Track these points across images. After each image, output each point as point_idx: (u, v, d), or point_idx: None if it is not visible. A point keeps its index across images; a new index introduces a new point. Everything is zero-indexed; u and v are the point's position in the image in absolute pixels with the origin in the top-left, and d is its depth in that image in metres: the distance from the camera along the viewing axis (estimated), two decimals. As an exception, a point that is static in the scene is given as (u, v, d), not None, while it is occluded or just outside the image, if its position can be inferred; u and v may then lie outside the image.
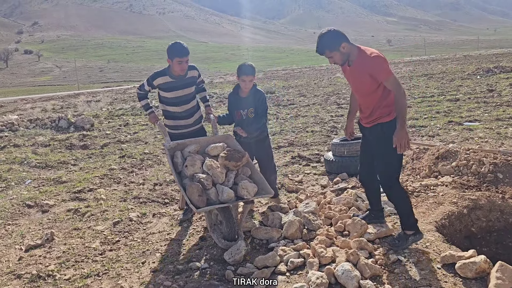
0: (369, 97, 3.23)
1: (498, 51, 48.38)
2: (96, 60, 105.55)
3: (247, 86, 4.16)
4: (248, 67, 4.13)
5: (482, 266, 2.76)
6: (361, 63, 3.15)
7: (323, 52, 3.19)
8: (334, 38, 3.13)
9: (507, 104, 10.32)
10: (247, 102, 4.24)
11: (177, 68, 3.92)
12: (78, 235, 4.18)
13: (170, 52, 3.91)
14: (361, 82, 3.22)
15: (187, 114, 4.20)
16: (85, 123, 11.28)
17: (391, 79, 3.08)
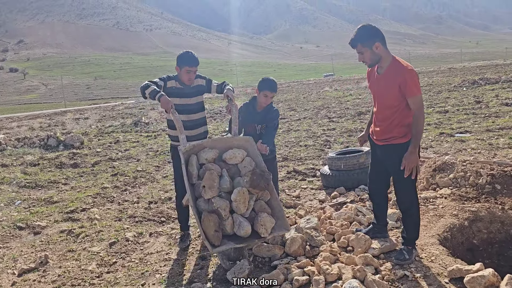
0: (390, 111, 3.15)
1: (481, 63, 49.41)
2: (83, 77, 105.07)
3: (268, 102, 4.05)
4: (274, 83, 4.03)
5: (491, 279, 2.73)
6: (394, 72, 3.07)
7: (355, 45, 3.10)
8: (370, 34, 3.06)
9: (495, 115, 10.47)
10: (261, 117, 4.08)
11: (185, 77, 3.85)
12: (73, 257, 4.05)
13: (180, 60, 3.84)
14: (387, 92, 3.12)
15: (192, 125, 3.97)
16: (75, 141, 11.12)
17: (419, 98, 3.03)
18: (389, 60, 3.13)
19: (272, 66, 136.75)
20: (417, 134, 3.06)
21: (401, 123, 3.14)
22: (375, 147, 3.42)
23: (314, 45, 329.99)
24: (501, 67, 33.94)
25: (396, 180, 3.31)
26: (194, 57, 3.86)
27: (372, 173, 3.56)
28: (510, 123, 9.12)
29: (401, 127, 3.15)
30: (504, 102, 12.38)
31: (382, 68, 3.17)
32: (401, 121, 3.14)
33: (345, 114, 13.87)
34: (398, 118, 3.14)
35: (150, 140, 11.55)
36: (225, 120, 14.98)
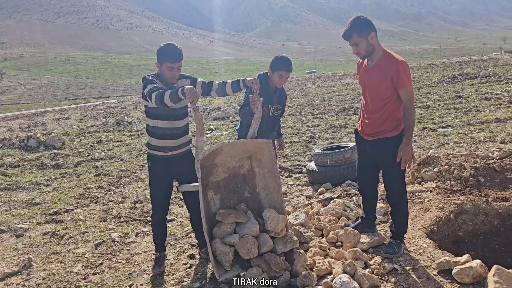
0: (382, 103, 3.15)
1: (460, 59, 50.37)
2: (63, 77, 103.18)
3: (282, 82, 3.67)
4: (289, 62, 3.62)
5: (478, 270, 2.76)
6: (386, 64, 3.07)
7: (351, 36, 3.05)
8: (366, 24, 3.05)
9: (476, 110, 10.67)
10: (275, 98, 3.76)
11: (167, 75, 3.26)
12: (58, 260, 3.96)
13: (161, 55, 3.24)
14: (379, 84, 3.12)
15: (178, 133, 3.41)
16: (56, 142, 10.90)
17: (410, 89, 3.05)
18: (380, 52, 3.14)
19: (254, 63, 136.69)
20: (410, 125, 3.07)
21: (392, 115, 3.16)
22: (364, 143, 3.41)
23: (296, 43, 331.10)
24: (479, 63, 34.65)
25: (386, 174, 3.33)
26: (177, 50, 3.25)
27: (361, 168, 3.56)
28: (490, 117, 9.31)
29: (391, 120, 3.16)
30: (484, 97, 12.64)
31: (373, 60, 3.18)
32: (392, 113, 3.15)
33: (329, 111, 13.95)
34: (389, 110, 3.15)
35: (134, 139, 11.41)
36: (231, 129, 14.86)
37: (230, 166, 3.34)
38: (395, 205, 3.34)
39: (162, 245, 3.66)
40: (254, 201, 3.44)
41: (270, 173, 3.37)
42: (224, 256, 2.97)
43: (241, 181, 3.42)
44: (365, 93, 3.32)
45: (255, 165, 3.42)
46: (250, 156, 3.40)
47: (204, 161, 3.07)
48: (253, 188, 3.45)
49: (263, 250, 3.05)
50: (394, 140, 3.14)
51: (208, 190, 3.24)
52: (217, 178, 3.30)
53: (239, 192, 3.42)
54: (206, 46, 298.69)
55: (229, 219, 3.11)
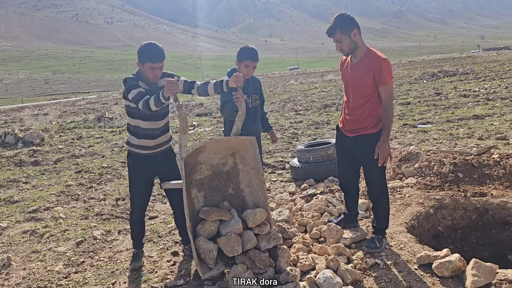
0: (363, 100, 3.19)
1: (440, 57, 51.22)
2: (41, 72, 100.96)
3: (250, 73, 3.64)
4: (254, 52, 3.60)
5: (457, 264, 2.83)
6: (370, 61, 3.12)
7: (334, 33, 3.11)
8: (349, 21, 3.10)
9: (455, 106, 10.89)
10: (249, 88, 3.72)
11: (149, 75, 3.21)
12: (38, 258, 3.89)
13: (142, 55, 3.18)
14: (362, 81, 3.16)
15: (160, 132, 3.42)
16: (35, 138, 10.66)
17: (390, 87, 3.10)
18: (364, 49, 3.19)
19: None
20: (388, 123, 3.14)
21: (372, 113, 3.21)
22: (345, 139, 3.45)
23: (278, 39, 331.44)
24: (458, 60, 35.32)
25: (367, 170, 3.38)
26: (159, 50, 3.20)
27: (342, 165, 3.60)
28: (469, 113, 9.51)
29: (372, 117, 3.21)
30: (462, 94, 12.90)
31: (356, 57, 3.22)
32: (372, 110, 3.20)
33: (312, 107, 14.02)
34: (370, 107, 3.20)
35: (115, 135, 11.26)
36: (215, 127, 14.78)
37: (214, 164, 3.35)
38: (376, 201, 3.39)
39: (140, 241, 3.68)
40: (238, 198, 3.45)
41: (254, 170, 3.38)
42: (208, 254, 2.97)
43: (225, 178, 3.42)
44: (347, 89, 3.35)
45: (239, 162, 3.43)
46: (233, 153, 3.40)
47: (187, 158, 3.06)
48: (237, 185, 3.46)
49: (247, 247, 3.06)
50: (374, 136, 3.19)
51: (191, 187, 3.24)
52: (200, 176, 3.30)
53: (223, 189, 3.42)
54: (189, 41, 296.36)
55: (213, 217, 3.11)
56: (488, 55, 41.08)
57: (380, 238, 3.36)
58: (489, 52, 47.96)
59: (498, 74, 18.49)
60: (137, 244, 3.67)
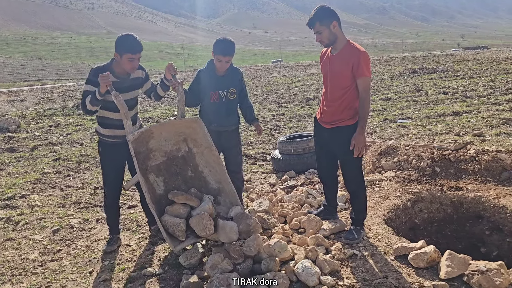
0: (342, 92, 3.21)
1: (421, 54, 52.00)
2: (18, 57, 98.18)
3: (223, 67, 3.53)
4: (227, 46, 3.46)
5: (432, 255, 2.89)
6: (349, 53, 3.14)
7: (313, 24, 3.13)
8: (328, 13, 3.12)
9: (434, 103, 11.08)
10: (226, 81, 3.61)
11: (127, 66, 3.29)
12: (13, 246, 3.81)
13: (121, 46, 3.23)
14: (341, 72, 3.18)
15: None
16: (10, 124, 10.41)
17: (368, 80, 3.13)
18: (344, 42, 3.21)
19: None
20: (364, 115, 3.16)
21: (350, 105, 3.24)
22: (322, 131, 3.46)
23: (262, 31, 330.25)
24: (438, 58, 35.91)
25: (344, 162, 3.41)
26: (137, 41, 3.26)
27: (321, 157, 3.62)
28: (447, 110, 9.70)
29: (349, 109, 3.25)
30: (442, 91, 13.13)
31: (336, 49, 3.25)
32: (350, 103, 3.24)
33: (294, 100, 14.07)
34: (348, 99, 3.23)
35: (94, 123, 11.04)
36: (173, 104, 14.66)
37: (167, 150, 3.48)
38: (354, 193, 3.44)
39: (116, 227, 3.78)
40: (199, 179, 3.56)
41: (207, 149, 3.48)
42: (176, 227, 3.02)
43: (182, 163, 3.54)
44: (326, 81, 3.38)
45: (192, 146, 3.55)
46: (185, 139, 3.53)
47: (138, 145, 3.22)
48: (195, 168, 3.57)
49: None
50: (351, 128, 3.22)
51: (148, 173, 3.35)
52: (155, 162, 3.43)
53: (182, 174, 3.54)
54: (171, 30, 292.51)
55: (179, 199, 3.18)
56: (468, 54, 41.91)
57: (358, 229, 3.40)
58: (469, 51, 48.92)
59: (476, 72, 18.89)
60: (112, 230, 3.75)
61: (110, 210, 3.70)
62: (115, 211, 3.73)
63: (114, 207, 3.70)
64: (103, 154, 3.58)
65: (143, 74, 3.57)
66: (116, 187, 3.63)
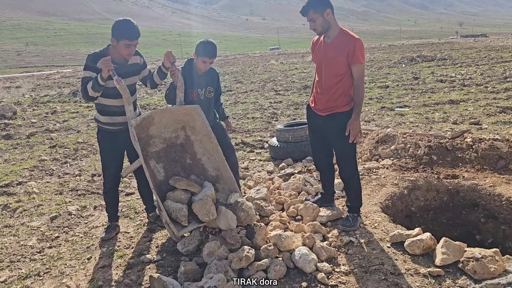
0: (336, 79, 3.21)
1: (419, 42, 51.77)
2: (13, 43, 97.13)
3: (206, 67, 3.68)
4: (212, 49, 3.60)
5: (428, 243, 2.92)
6: (344, 40, 3.14)
7: (307, 12, 3.12)
8: (322, 1, 3.11)
9: (431, 91, 11.07)
10: (204, 80, 3.74)
11: (123, 52, 3.25)
12: (11, 233, 3.82)
13: (118, 31, 3.18)
14: (335, 60, 3.18)
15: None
16: (6, 111, 10.34)
17: (362, 66, 3.15)
18: (337, 29, 3.21)
19: (217, 37, 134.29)
20: (359, 102, 3.19)
21: (344, 92, 3.25)
22: (317, 118, 3.45)
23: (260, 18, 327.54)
24: (436, 46, 35.78)
25: (338, 149, 3.42)
26: (135, 27, 3.22)
27: (316, 145, 3.61)
28: (444, 98, 9.69)
29: (344, 96, 3.26)
30: (439, 79, 13.11)
31: (329, 37, 3.23)
32: (345, 90, 3.24)
33: (291, 88, 14.02)
34: (343, 86, 3.23)
35: (91, 110, 11.01)
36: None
37: (166, 137, 3.50)
38: (348, 180, 3.46)
39: (115, 215, 3.78)
40: (198, 166, 3.58)
41: (206, 137, 3.49)
42: (179, 212, 3.04)
43: (180, 150, 3.56)
44: (320, 69, 3.37)
45: (190, 133, 3.56)
46: (183, 126, 3.54)
47: (139, 131, 3.22)
48: (193, 155, 3.59)
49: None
50: (346, 115, 3.24)
51: (149, 159, 3.37)
52: (155, 149, 3.45)
53: (180, 161, 3.56)
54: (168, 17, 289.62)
55: (181, 184, 3.20)
56: (466, 41, 41.78)
57: (355, 216, 3.43)
58: (467, 39, 48.72)
59: (475, 60, 18.85)
60: (111, 217, 3.76)
61: (109, 197, 3.70)
62: (114, 198, 3.73)
63: (113, 194, 3.70)
64: (103, 142, 3.55)
65: (141, 60, 3.53)
66: (115, 175, 3.62)
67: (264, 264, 2.80)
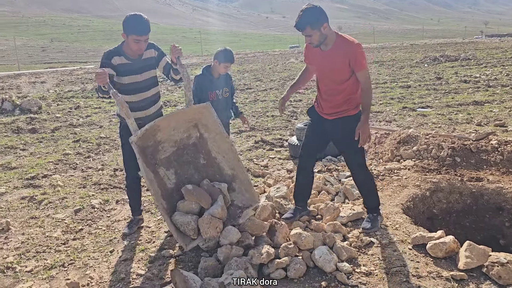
0: (341, 86, 3.18)
1: (442, 41, 50.75)
2: (38, 39, 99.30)
3: (227, 71, 4.07)
4: (231, 54, 3.97)
5: (451, 246, 2.88)
6: (343, 47, 3.09)
7: (304, 28, 3.01)
8: (319, 15, 3.00)
9: (455, 92, 10.86)
10: (221, 82, 4.09)
11: (133, 47, 3.21)
12: (37, 224, 3.93)
13: (127, 26, 3.14)
14: (337, 68, 3.14)
15: (146, 104, 3.46)
16: (32, 106, 10.60)
17: (367, 71, 3.12)
18: (333, 37, 3.12)
19: (237, 35, 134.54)
20: (367, 105, 3.16)
21: (349, 96, 3.21)
22: (323, 122, 3.37)
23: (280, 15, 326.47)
24: (460, 45, 35.04)
25: (347, 152, 3.39)
26: (144, 22, 3.15)
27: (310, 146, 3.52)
28: (468, 99, 9.50)
29: (350, 100, 3.23)
30: (463, 79, 12.84)
31: (327, 46, 3.15)
32: (349, 94, 3.20)
33: (311, 86, 13.92)
34: (347, 91, 3.19)
35: (113, 106, 11.17)
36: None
37: (177, 139, 3.38)
38: (361, 183, 3.44)
39: (138, 209, 3.82)
40: (213, 166, 3.50)
41: (219, 135, 3.41)
42: (187, 226, 2.99)
43: (193, 150, 3.47)
44: (321, 77, 3.31)
45: (203, 131, 3.47)
46: (196, 124, 3.44)
47: (144, 141, 3.11)
48: (208, 154, 3.49)
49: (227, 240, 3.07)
50: (354, 118, 3.21)
51: (158, 168, 3.27)
52: (165, 154, 3.33)
53: (194, 162, 3.46)
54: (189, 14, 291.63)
55: (191, 198, 3.12)
56: (491, 41, 40.75)
57: (374, 216, 3.39)
58: (492, 39, 47.48)
59: (500, 61, 18.39)
60: (134, 211, 3.81)
61: (132, 191, 3.75)
62: (136, 192, 3.76)
63: (136, 188, 3.74)
64: (125, 137, 3.55)
65: (155, 53, 3.46)
66: (135, 169, 3.59)
67: (284, 262, 2.82)
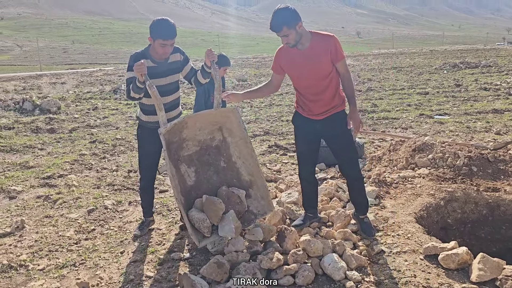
0: (325, 81, 3.17)
1: (462, 47, 49.95)
2: (60, 41, 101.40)
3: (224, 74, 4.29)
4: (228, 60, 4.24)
5: (464, 257, 2.82)
6: (321, 42, 3.12)
7: (280, 29, 3.01)
8: (294, 15, 3.03)
9: (474, 99, 10.66)
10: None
11: (159, 51, 3.26)
12: (51, 223, 4.00)
13: (154, 30, 3.21)
14: (318, 63, 3.13)
15: (167, 108, 3.43)
16: (51, 106, 10.81)
17: (345, 60, 3.19)
18: (308, 35, 3.15)
19: (255, 39, 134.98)
20: (352, 93, 3.23)
21: (337, 91, 3.25)
22: (313, 124, 3.34)
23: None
24: (481, 52, 34.43)
25: (341, 150, 3.38)
26: (170, 26, 3.22)
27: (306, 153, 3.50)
28: (488, 107, 9.32)
29: (338, 95, 3.27)
30: (483, 87, 12.61)
31: (304, 44, 3.14)
32: (336, 88, 3.25)
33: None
34: (334, 86, 3.23)
35: (130, 108, 11.33)
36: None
37: (201, 139, 3.43)
38: (357, 180, 3.44)
39: (149, 211, 3.85)
40: (232, 170, 3.52)
41: (242, 140, 3.44)
42: (202, 223, 3.03)
43: (215, 152, 3.50)
44: (302, 79, 3.26)
45: (227, 135, 3.49)
46: (220, 127, 3.47)
47: (171, 136, 3.16)
48: (228, 158, 3.52)
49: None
50: (344, 112, 3.29)
51: (180, 164, 3.31)
52: (188, 152, 3.38)
53: (214, 164, 3.50)
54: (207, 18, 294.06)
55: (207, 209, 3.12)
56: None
57: (368, 219, 3.45)
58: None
59: (522, 68, 18.00)
60: (146, 212, 3.83)
61: (145, 193, 3.77)
62: (149, 194, 3.78)
63: (149, 190, 3.76)
64: (142, 138, 3.62)
65: (181, 57, 3.50)
66: (152, 171, 3.69)
67: (293, 269, 2.80)
